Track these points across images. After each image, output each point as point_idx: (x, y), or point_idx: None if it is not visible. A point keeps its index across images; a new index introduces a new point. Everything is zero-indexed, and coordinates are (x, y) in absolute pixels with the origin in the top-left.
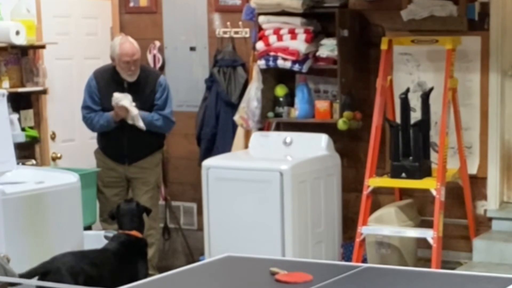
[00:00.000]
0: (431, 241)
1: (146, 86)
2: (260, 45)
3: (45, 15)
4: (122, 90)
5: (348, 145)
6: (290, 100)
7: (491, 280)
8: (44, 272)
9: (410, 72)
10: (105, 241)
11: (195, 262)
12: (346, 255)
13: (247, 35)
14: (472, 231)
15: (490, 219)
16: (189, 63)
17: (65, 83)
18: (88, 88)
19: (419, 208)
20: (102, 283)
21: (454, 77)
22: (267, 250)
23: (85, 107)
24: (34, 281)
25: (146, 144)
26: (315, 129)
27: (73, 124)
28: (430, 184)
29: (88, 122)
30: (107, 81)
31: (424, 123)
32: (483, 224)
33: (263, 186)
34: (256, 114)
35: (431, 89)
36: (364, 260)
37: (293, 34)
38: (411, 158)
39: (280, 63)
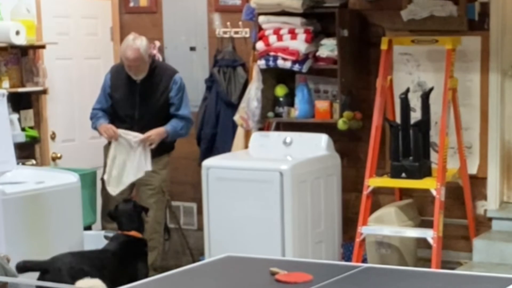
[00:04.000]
0: (431, 241)
1: (160, 84)
2: (260, 45)
3: (45, 15)
4: (134, 86)
5: (348, 145)
6: (290, 100)
7: (491, 280)
8: (43, 271)
9: (410, 72)
10: (105, 241)
11: (195, 262)
12: (346, 255)
13: (247, 35)
14: (472, 231)
15: (490, 219)
16: (189, 63)
17: (65, 83)
18: (103, 82)
19: (419, 208)
20: None
21: (454, 77)
22: (267, 250)
23: (97, 101)
24: (34, 281)
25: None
26: (315, 129)
27: (73, 124)
28: (430, 184)
29: (91, 117)
30: (121, 76)
31: (424, 123)
32: (483, 224)
33: (263, 186)
34: (256, 114)
35: (431, 89)
36: (364, 260)
37: (293, 34)
38: (411, 158)
39: (280, 63)
